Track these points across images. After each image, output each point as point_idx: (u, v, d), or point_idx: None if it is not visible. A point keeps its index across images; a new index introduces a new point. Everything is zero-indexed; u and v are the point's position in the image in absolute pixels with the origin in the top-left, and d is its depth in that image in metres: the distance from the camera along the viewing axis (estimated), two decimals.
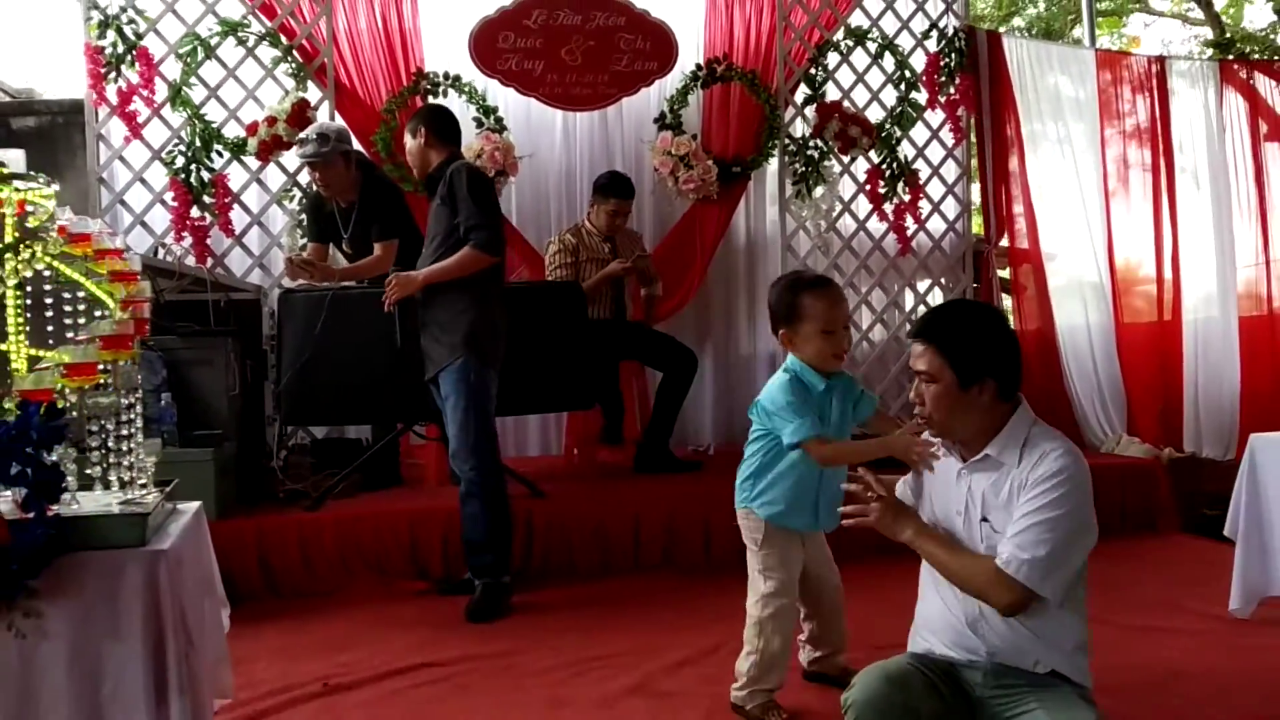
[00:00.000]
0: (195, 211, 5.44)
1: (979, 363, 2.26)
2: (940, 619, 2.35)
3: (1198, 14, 12.02)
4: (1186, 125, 6.42)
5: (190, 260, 5.35)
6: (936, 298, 6.44)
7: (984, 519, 2.27)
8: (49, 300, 2.33)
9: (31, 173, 2.33)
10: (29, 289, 2.30)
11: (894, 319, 6.45)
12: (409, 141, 4.13)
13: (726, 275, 6.37)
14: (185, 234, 5.42)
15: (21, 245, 2.25)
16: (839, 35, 6.21)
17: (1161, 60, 6.51)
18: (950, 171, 6.43)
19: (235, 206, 5.53)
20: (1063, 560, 2.16)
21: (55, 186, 2.33)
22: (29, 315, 2.31)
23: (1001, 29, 11.43)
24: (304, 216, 5.40)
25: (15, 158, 2.34)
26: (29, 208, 2.30)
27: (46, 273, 2.29)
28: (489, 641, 3.46)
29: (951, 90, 6.33)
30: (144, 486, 2.27)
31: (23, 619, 1.96)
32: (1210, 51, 9.11)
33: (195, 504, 2.53)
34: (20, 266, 2.25)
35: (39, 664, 1.99)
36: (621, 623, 3.67)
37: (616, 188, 5.35)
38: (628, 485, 4.93)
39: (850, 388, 2.89)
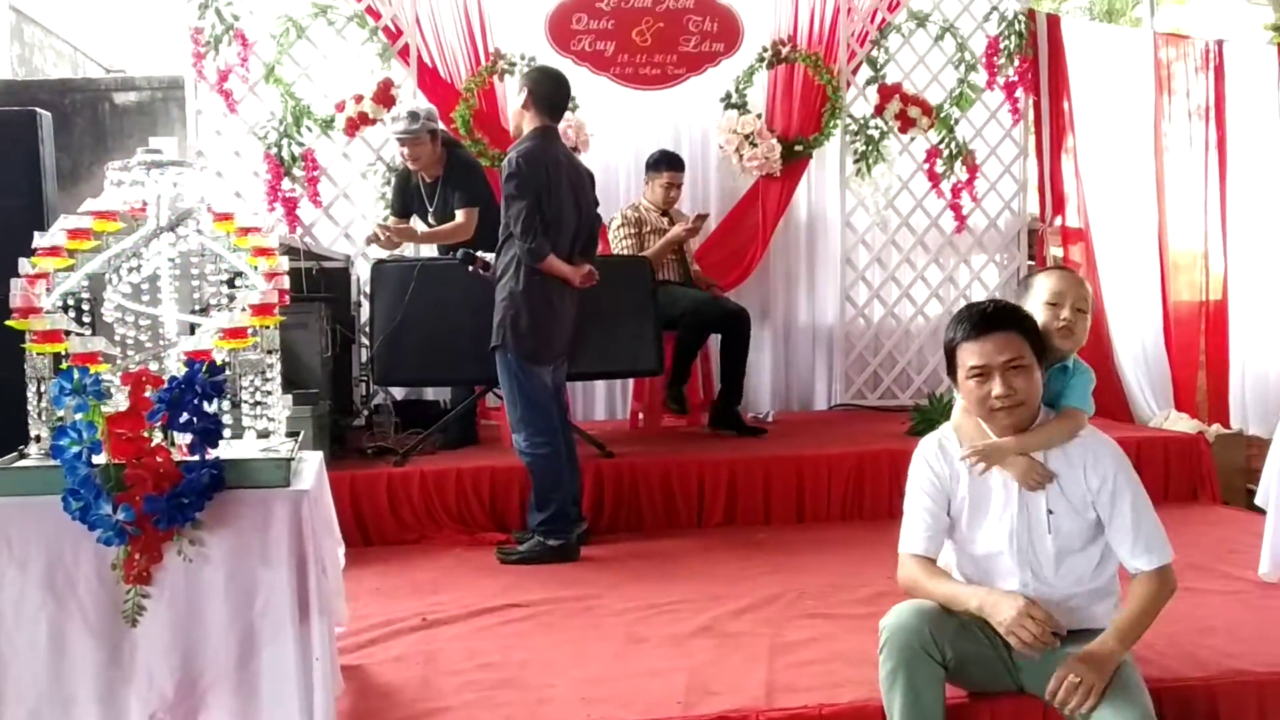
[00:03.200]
0: (286, 184, 5.80)
1: (1040, 346, 2.51)
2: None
3: None
4: (1243, 108, 6.52)
5: (282, 230, 5.71)
6: (991, 274, 6.65)
7: (1050, 511, 2.48)
8: (196, 273, 2.64)
9: (184, 159, 2.64)
10: (179, 263, 2.61)
11: (949, 294, 6.65)
12: (516, 98, 4.18)
13: (787, 249, 6.60)
14: (277, 204, 5.78)
15: (175, 226, 2.55)
16: (901, 18, 6.39)
17: (1220, 43, 6.60)
18: (1007, 151, 6.59)
19: (323, 179, 5.88)
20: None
21: (206, 169, 2.62)
22: (179, 286, 2.62)
23: (1063, 6, 11.45)
24: (387, 190, 5.73)
25: (169, 145, 2.64)
26: (180, 190, 2.60)
27: (196, 248, 2.60)
28: (567, 586, 3.74)
29: (1010, 72, 6.49)
30: (279, 436, 2.59)
31: (189, 546, 2.29)
32: (1271, 35, 9.11)
33: (317, 453, 2.83)
34: (174, 244, 2.56)
35: (202, 585, 2.31)
36: (688, 574, 3.92)
37: (668, 161, 5.65)
38: (692, 448, 5.12)
39: (1058, 376, 2.66)
